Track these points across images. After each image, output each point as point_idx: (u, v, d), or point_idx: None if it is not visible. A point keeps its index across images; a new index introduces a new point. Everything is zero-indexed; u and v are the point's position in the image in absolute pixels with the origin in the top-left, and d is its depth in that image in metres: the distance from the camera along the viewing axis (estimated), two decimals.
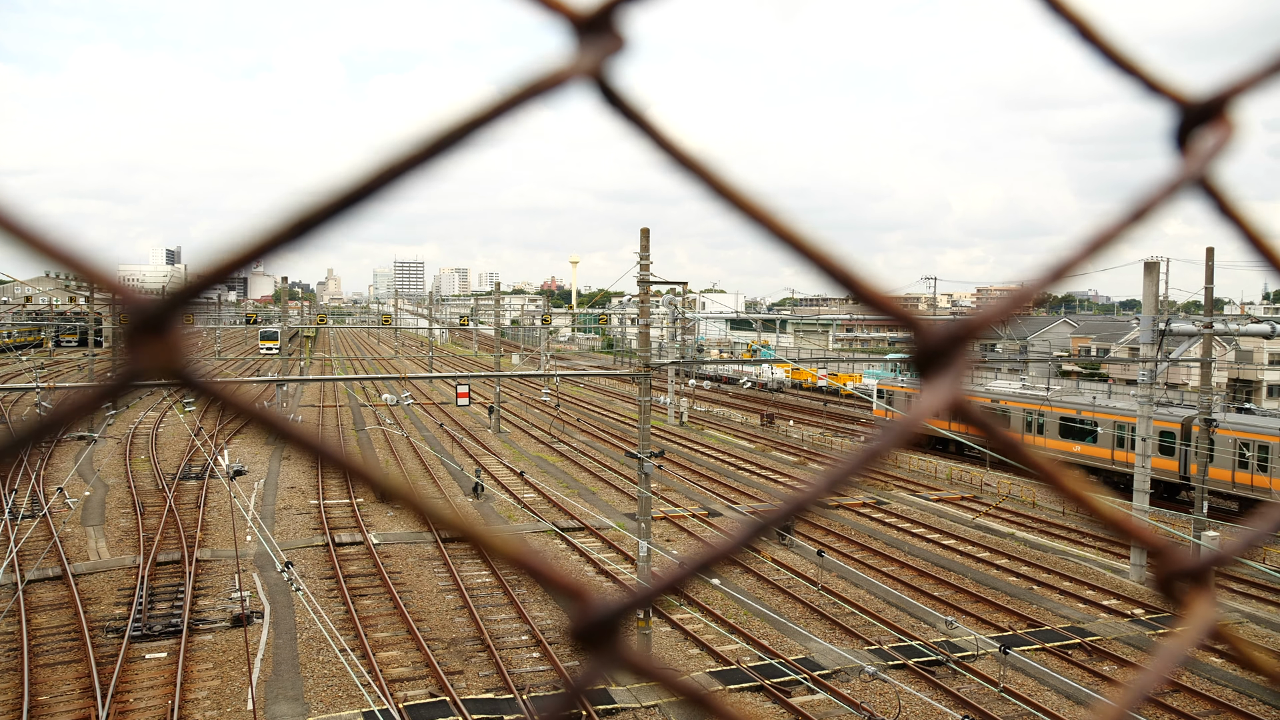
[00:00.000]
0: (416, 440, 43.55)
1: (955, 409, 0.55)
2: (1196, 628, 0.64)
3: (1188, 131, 0.65)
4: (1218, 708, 17.01)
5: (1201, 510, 27.38)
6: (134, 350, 0.41)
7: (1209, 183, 0.65)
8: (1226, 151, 0.64)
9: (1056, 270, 0.58)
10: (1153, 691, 0.61)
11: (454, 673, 18.15)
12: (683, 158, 0.50)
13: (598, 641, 0.50)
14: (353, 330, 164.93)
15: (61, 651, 18.81)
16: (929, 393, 0.54)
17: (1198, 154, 0.65)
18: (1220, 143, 0.64)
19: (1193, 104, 0.64)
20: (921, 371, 0.55)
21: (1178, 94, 0.65)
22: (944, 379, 0.55)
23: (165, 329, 0.42)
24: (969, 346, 0.56)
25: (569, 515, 29.81)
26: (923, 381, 0.55)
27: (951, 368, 0.55)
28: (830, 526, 29.34)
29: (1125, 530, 0.64)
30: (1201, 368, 28.86)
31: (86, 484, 33.12)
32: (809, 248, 0.52)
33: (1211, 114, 0.65)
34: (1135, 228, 0.61)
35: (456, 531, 0.50)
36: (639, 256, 22.44)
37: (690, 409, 56.16)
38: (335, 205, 0.44)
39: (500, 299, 55.98)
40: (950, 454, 42.48)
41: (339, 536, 26.97)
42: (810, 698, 17.27)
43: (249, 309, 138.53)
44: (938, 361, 0.55)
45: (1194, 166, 0.64)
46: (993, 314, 0.57)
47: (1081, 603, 22.83)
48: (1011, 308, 0.57)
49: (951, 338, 0.55)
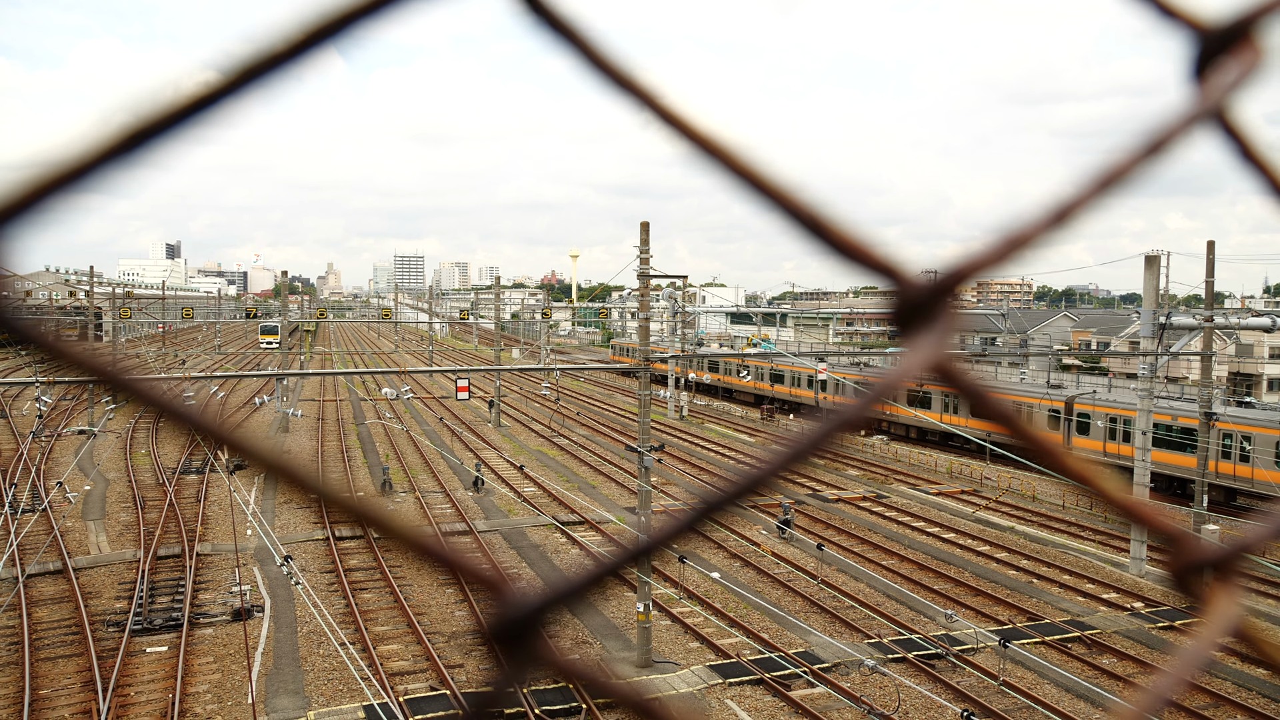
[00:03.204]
0: (416, 434, 43.50)
1: (939, 370, 0.47)
2: (1219, 625, 0.57)
3: (1207, 62, 0.58)
4: (1217, 700, 16.96)
5: (1202, 504, 27.32)
6: None
7: (1228, 118, 0.58)
8: (1251, 81, 0.57)
9: (1060, 210, 0.50)
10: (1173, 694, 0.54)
11: (454, 666, 18.12)
12: (619, 77, 0.43)
13: (516, 641, 0.42)
14: (353, 324, 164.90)
15: (62, 645, 18.79)
16: (912, 352, 0.47)
17: (1216, 85, 0.57)
18: (1244, 72, 0.56)
19: (1213, 30, 0.57)
20: (903, 328, 0.48)
21: (1195, 19, 0.57)
22: (928, 336, 0.47)
23: None
24: (956, 299, 0.48)
25: (569, 509, 29.75)
26: (904, 340, 0.48)
27: (937, 323, 0.47)
28: (830, 520, 29.28)
29: (1134, 513, 0.56)
30: (1202, 361, 28.77)
31: (87, 478, 33.09)
32: (768, 184, 0.45)
33: (1234, 40, 0.57)
34: (1148, 164, 0.53)
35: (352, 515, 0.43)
36: (639, 251, 22.34)
37: (690, 403, 56.10)
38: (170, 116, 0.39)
39: (500, 293, 55.87)
40: (948, 447, 42.38)
41: (339, 530, 26.93)
42: (810, 691, 17.23)
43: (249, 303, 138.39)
44: (920, 316, 0.47)
45: (1212, 98, 0.56)
46: (982, 259, 0.49)
47: (1081, 596, 22.77)
48: (1006, 251, 0.49)
49: (936, 289, 0.47)
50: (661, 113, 0.42)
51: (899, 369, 0.47)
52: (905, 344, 0.48)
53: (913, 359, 0.46)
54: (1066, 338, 76.84)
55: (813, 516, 29.56)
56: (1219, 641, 0.57)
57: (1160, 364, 26.12)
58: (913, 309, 0.47)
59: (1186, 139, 0.55)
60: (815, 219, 0.45)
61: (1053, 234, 0.50)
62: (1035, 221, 0.50)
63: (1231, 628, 0.58)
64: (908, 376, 0.46)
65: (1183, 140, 0.54)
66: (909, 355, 0.47)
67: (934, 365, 0.47)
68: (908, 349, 0.47)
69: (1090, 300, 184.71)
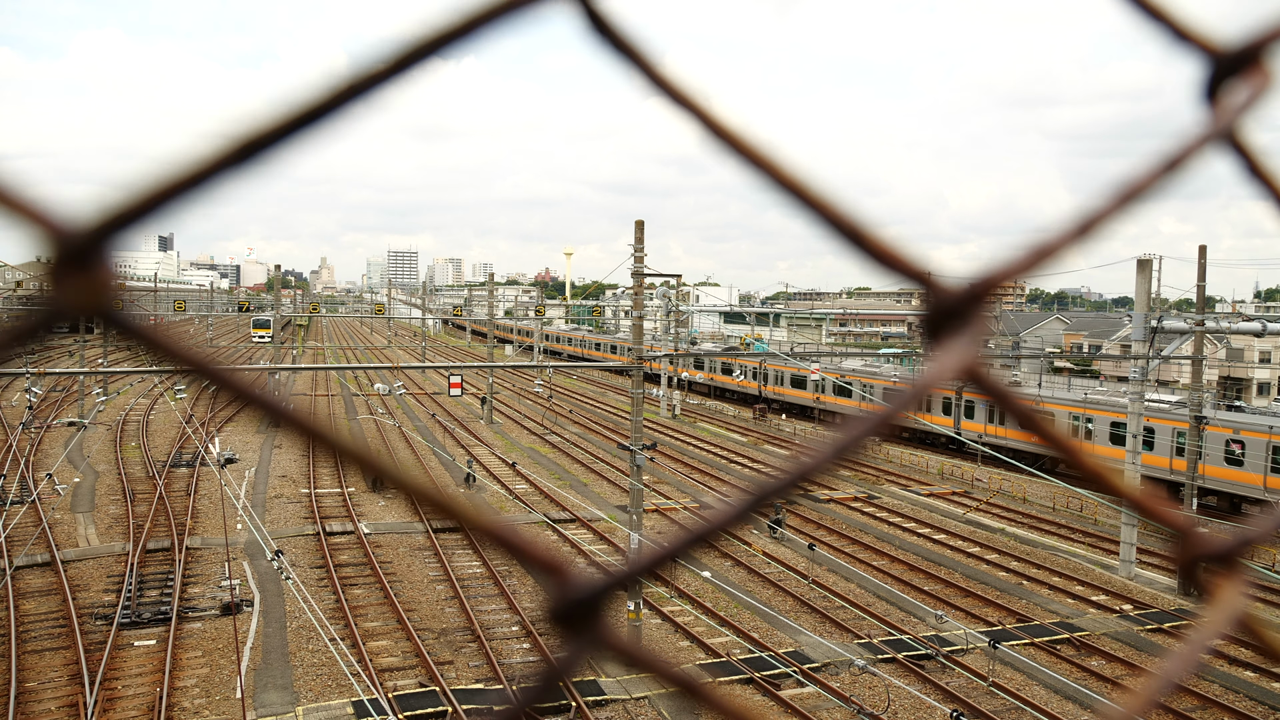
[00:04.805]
0: (409, 430, 43.45)
1: (969, 374, 0.50)
2: (1223, 616, 0.60)
3: (1218, 84, 0.61)
4: (1205, 703, 17.10)
5: (1191, 507, 27.51)
6: (58, 286, 0.38)
7: (1238, 138, 0.61)
8: (1260, 104, 0.60)
9: (1084, 223, 0.53)
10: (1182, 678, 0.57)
11: (444, 663, 18.13)
12: (674, 92, 0.46)
13: (578, 622, 0.45)
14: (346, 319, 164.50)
15: (50, 638, 18.72)
16: (944, 356, 0.50)
17: (1228, 107, 0.60)
18: (1254, 95, 0.60)
19: (1224, 53, 0.60)
20: (934, 334, 0.51)
21: (1208, 43, 0.60)
22: (960, 341, 0.50)
23: (91, 263, 0.38)
24: (987, 306, 0.51)
25: (560, 507, 29.78)
26: (936, 344, 0.51)
27: (968, 329, 0.50)
28: (821, 520, 29.38)
29: (1147, 510, 0.60)
30: (1193, 365, 28.96)
31: (76, 470, 32.96)
32: (814, 197, 0.48)
33: (1244, 64, 0.60)
34: (1164, 181, 0.56)
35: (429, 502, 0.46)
36: (633, 249, 22.38)
37: (683, 402, 56.18)
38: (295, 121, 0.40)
39: (494, 290, 55.84)
40: (940, 449, 42.56)
41: (330, 525, 26.89)
42: (800, 691, 17.30)
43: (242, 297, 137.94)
44: (953, 322, 0.50)
45: (1224, 120, 0.60)
46: (1014, 268, 0.52)
47: (1071, 598, 22.91)
48: (1034, 262, 0.53)
49: (968, 296, 0.50)
50: (719, 132, 0.45)
51: (933, 372, 0.50)
52: (937, 348, 0.51)
53: (945, 363, 0.50)
54: (1058, 340, 77.22)
55: (804, 516, 29.66)
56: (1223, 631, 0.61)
57: (1151, 367, 26.30)
58: (945, 314, 0.50)
59: (1200, 157, 0.58)
60: (855, 228, 0.48)
61: (1077, 245, 0.53)
62: (1061, 233, 0.53)
63: (1235, 618, 0.61)
64: (941, 380, 0.50)
65: (1197, 158, 0.58)
66: (942, 359, 0.50)
67: (965, 369, 0.50)
68: (940, 353, 0.50)
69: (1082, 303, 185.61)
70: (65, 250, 0.37)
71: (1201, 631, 0.59)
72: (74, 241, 0.37)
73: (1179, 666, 0.58)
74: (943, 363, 0.50)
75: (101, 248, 0.37)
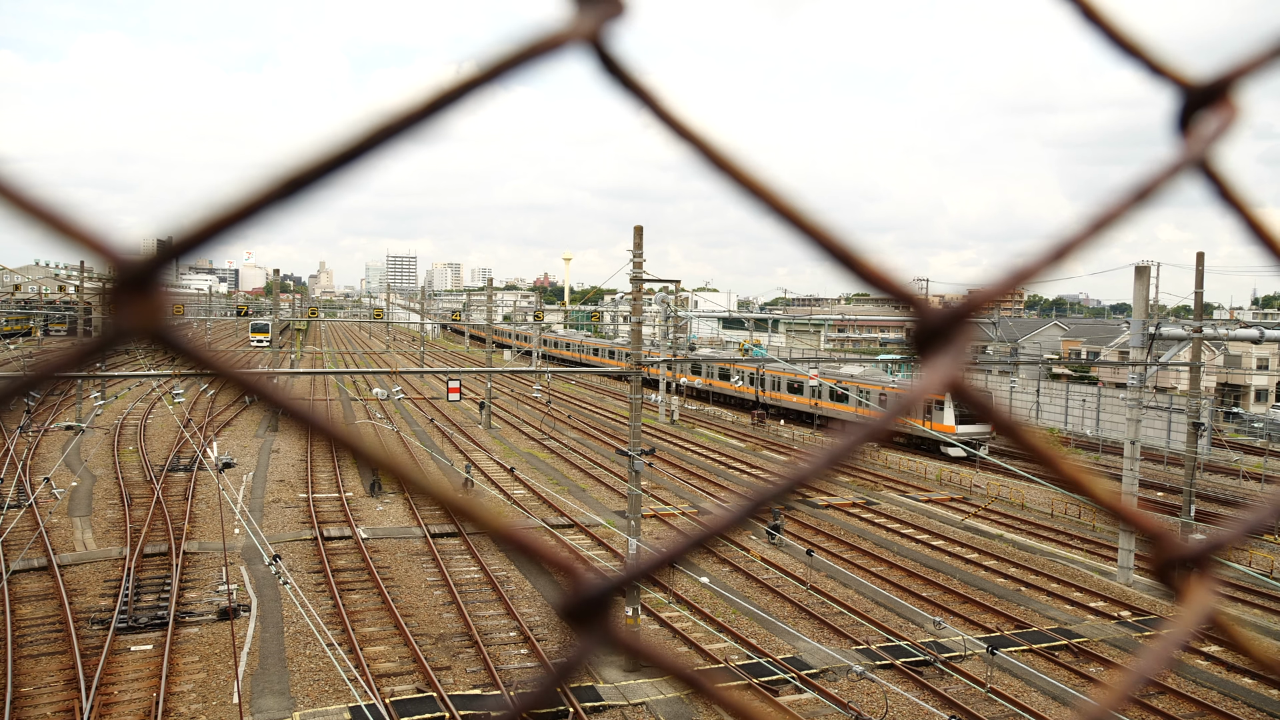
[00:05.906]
0: (407, 435, 43.45)
1: (954, 388, 0.54)
2: (1194, 616, 0.64)
3: (1190, 114, 0.65)
4: (1202, 710, 17.12)
5: (1189, 514, 27.56)
6: (117, 309, 0.41)
7: (1210, 166, 0.65)
8: (1229, 134, 0.64)
9: (1058, 250, 0.57)
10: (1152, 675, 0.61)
11: (441, 668, 18.12)
12: (682, 129, 0.49)
13: (589, 619, 0.49)
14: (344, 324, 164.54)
15: (46, 643, 18.70)
16: (930, 371, 0.54)
17: (1199, 137, 0.64)
18: (1223, 126, 0.64)
19: (1195, 87, 0.64)
20: (921, 350, 0.55)
21: (1181, 77, 0.64)
22: (944, 358, 0.54)
23: (148, 288, 0.41)
24: (970, 325, 0.55)
25: (559, 512, 29.79)
26: (923, 361, 0.55)
27: (952, 347, 0.54)
28: (819, 526, 29.40)
29: (1121, 515, 0.63)
30: (1190, 371, 29.04)
31: (73, 474, 32.93)
32: (808, 223, 0.51)
33: (1214, 97, 0.64)
34: (1137, 209, 0.60)
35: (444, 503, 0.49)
36: (632, 254, 22.45)
37: (681, 407, 56.21)
38: (326, 165, 0.43)
39: (493, 294, 55.90)
40: (938, 455, 42.60)
41: (327, 530, 26.89)
42: (798, 697, 17.31)
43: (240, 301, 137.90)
44: (938, 340, 0.54)
45: (1196, 149, 0.64)
46: (992, 291, 0.56)
47: (1069, 604, 22.94)
48: (1011, 285, 0.56)
49: (952, 316, 0.54)
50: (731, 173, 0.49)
51: (920, 385, 0.54)
52: (924, 365, 0.54)
53: (931, 377, 0.53)
54: (1056, 347, 77.38)
55: (802, 522, 29.69)
56: (1195, 630, 0.64)
57: (1149, 374, 26.37)
58: (931, 334, 0.54)
59: (1172, 185, 0.62)
60: (848, 254, 0.52)
61: (1052, 270, 0.57)
62: (1037, 259, 0.57)
63: (1207, 618, 0.65)
64: (928, 392, 0.53)
65: (1169, 186, 0.62)
66: (928, 374, 0.54)
67: (950, 384, 0.53)
68: (926, 369, 0.54)
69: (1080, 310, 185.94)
70: (124, 276, 0.40)
71: (1175, 630, 0.62)
72: (132, 269, 0.40)
73: (1151, 664, 0.61)
74: (930, 377, 0.53)
75: (156, 274, 0.41)
